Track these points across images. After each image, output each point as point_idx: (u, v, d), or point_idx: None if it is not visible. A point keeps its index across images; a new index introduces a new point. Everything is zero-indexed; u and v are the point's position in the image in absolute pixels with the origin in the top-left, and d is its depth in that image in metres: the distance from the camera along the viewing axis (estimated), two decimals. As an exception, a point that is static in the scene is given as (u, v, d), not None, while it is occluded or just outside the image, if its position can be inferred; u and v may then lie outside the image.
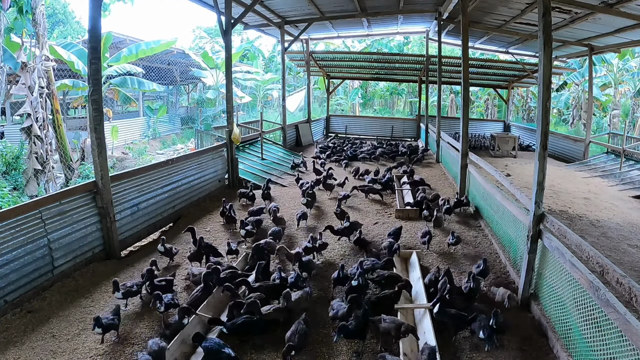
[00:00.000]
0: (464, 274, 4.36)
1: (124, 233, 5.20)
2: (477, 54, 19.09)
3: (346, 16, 11.49)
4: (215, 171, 7.76)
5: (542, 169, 3.61)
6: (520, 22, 10.06)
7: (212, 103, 23.83)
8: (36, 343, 3.26)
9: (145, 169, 5.80)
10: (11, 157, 11.72)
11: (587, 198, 8.07)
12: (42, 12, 9.90)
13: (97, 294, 4.03)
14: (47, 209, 4.13)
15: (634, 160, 10.70)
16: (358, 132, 17.69)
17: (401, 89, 33.14)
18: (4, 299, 3.63)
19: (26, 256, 3.86)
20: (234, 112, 8.40)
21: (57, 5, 34.53)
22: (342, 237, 5.37)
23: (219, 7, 7.86)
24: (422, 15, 12.01)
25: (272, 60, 31.22)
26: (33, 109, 9.87)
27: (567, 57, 14.32)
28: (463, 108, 7.39)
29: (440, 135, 11.23)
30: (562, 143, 14.05)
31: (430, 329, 3.22)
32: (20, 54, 9.80)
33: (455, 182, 8.43)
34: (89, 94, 4.64)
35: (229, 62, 8.15)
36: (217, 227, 5.96)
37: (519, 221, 4.35)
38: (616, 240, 5.77)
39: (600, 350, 2.65)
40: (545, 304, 3.62)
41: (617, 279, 2.47)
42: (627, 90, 22.81)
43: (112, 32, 14.22)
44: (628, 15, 7.67)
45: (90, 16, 4.55)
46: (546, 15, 3.53)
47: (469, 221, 6.30)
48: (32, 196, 9.43)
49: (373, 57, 16.89)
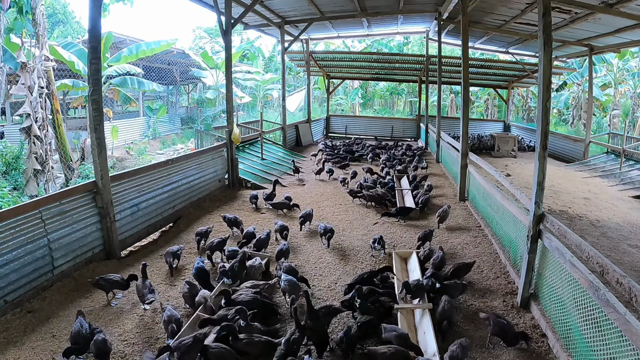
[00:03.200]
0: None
1: (124, 233, 5.20)
2: (477, 54, 19.08)
3: (346, 16, 11.50)
4: (215, 171, 7.75)
5: (542, 169, 3.60)
6: (520, 22, 10.06)
7: (212, 103, 23.82)
8: (36, 343, 3.26)
9: (145, 169, 5.79)
10: (11, 157, 11.72)
11: (587, 198, 8.07)
12: (42, 12, 9.91)
13: (97, 294, 4.02)
14: (47, 209, 4.13)
15: (634, 160, 10.71)
16: (358, 132, 17.69)
17: (401, 89, 33.13)
18: (4, 299, 3.63)
19: (26, 256, 3.86)
20: (234, 112, 8.40)
21: (57, 5, 34.52)
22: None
23: (219, 7, 7.85)
24: (422, 15, 12.01)
25: (272, 60, 31.22)
26: (33, 109, 9.88)
27: (567, 57, 14.32)
28: (463, 108, 7.40)
29: (440, 135, 11.23)
30: (562, 143, 14.04)
31: (430, 329, 3.21)
32: (20, 54, 9.81)
33: (455, 182, 8.44)
34: (89, 94, 4.64)
35: (229, 62, 8.15)
36: (216, 227, 5.96)
37: (519, 221, 4.35)
38: (616, 240, 5.77)
39: (600, 351, 2.65)
40: (545, 304, 3.62)
41: (617, 279, 2.47)
42: (627, 90, 22.81)
43: (112, 32, 14.23)
44: (628, 15, 7.67)
45: (90, 16, 4.54)
46: (546, 15, 3.52)
47: (469, 221, 6.30)
48: (32, 196, 9.44)
49: (373, 57, 16.88)
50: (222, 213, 6.15)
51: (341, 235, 5.67)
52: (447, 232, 5.83)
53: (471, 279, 4.40)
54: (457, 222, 6.28)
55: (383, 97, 35.89)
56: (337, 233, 5.73)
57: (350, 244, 5.36)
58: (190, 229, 5.88)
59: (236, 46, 22.79)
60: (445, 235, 5.70)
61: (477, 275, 4.52)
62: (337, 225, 6.08)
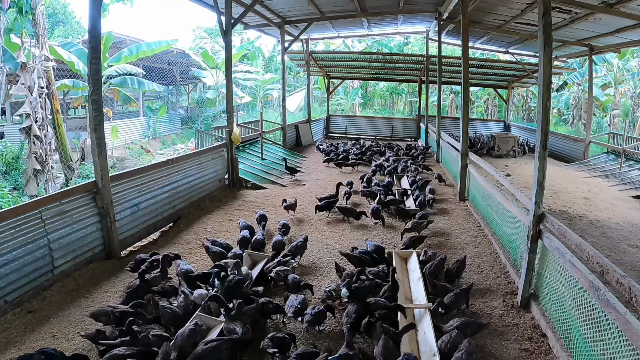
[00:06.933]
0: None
1: (124, 233, 5.20)
2: (477, 54, 19.07)
3: (346, 16, 11.49)
4: (215, 171, 7.76)
5: (542, 169, 3.60)
6: (520, 22, 10.07)
7: (212, 103, 23.81)
8: (36, 343, 3.26)
9: (145, 169, 5.79)
10: (11, 157, 11.73)
11: (587, 198, 8.07)
12: (42, 12, 9.92)
13: (97, 294, 4.03)
14: (47, 209, 4.12)
15: (634, 160, 10.71)
16: (358, 132, 17.68)
17: (401, 89, 33.12)
18: (4, 299, 3.63)
19: (26, 256, 3.86)
20: (234, 112, 8.40)
21: (57, 5, 34.48)
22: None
23: (219, 7, 7.85)
24: (422, 15, 12.01)
25: (272, 60, 31.20)
26: (32, 109, 9.89)
27: (567, 57, 14.31)
28: (463, 108, 7.40)
29: (440, 135, 11.23)
30: (562, 143, 14.04)
31: (430, 329, 3.21)
32: (20, 54, 9.81)
33: (455, 182, 8.44)
34: (89, 94, 4.63)
35: (229, 62, 8.15)
36: (216, 227, 5.97)
37: (519, 221, 4.35)
38: (616, 240, 5.77)
39: (600, 350, 2.65)
40: (545, 304, 3.62)
41: (617, 279, 2.47)
42: (627, 90, 22.82)
43: (112, 32, 14.22)
44: (628, 15, 7.67)
45: (90, 16, 4.54)
46: (546, 15, 3.52)
47: (469, 221, 6.31)
48: (32, 196, 9.44)
49: (373, 57, 16.89)
50: (222, 213, 6.13)
51: (341, 236, 5.67)
52: (447, 232, 5.83)
53: (471, 279, 4.40)
54: (457, 222, 6.28)
55: (383, 97, 35.89)
56: (337, 233, 5.75)
57: (351, 244, 5.36)
58: (190, 229, 5.89)
59: (236, 46, 22.78)
60: (446, 236, 5.71)
61: (477, 275, 4.53)
62: (338, 225, 6.08)
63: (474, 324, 3.33)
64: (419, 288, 3.91)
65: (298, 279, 3.96)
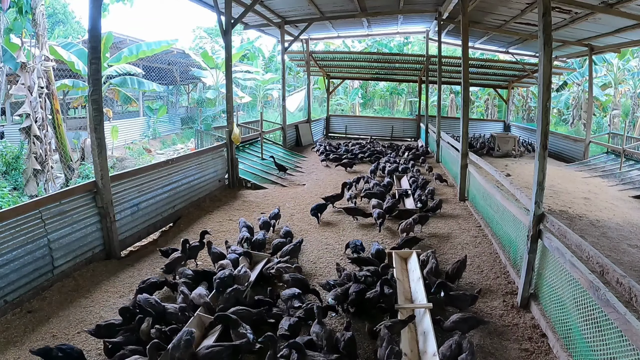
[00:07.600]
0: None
1: (124, 233, 5.20)
2: (477, 54, 19.08)
3: (346, 16, 11.49)
4: (215, 171, 7.76)
5: (542, 169, 3.60)
6: (520, 22, 10.07)
7: (212, 103, 23.82)
8: (36, 343, 3.25)
9: (145, 169, 5.79)
10: (11, 157, 11.73)
11: (587, 198, 8.07)
12: (42, 12, 9.92)
13: (97, 294, 4.03)
14: (47, 209, 4.12)
15: (634, 160, 10.71)
16: (358, 132, 17.69)
17: (401, 88, 33.13)
18: (4, 299, 3.63)
19: (26, 256, 3.86)
20: (234, 112, 8.40)
21: (57, 5, 34.51)
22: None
23: (219, 7, 7.85)
24: (422, 15, 12.01)
25: (272, 60, 31.20)
26: (32, 109, 9.89)
27: (567, 57, 14.31)
28: (463, 108, 7.40)
29: (440, 135, 11.23)
30: (562, 143, 14.04)
31: (430, 329, 3.21)
32: (20, 54, 9.81)
33: (455, 182, 8.44)
34: (89, 94, 4.63)
35: (229, 62, 8.15)
36: (217, 227, 5.96)
37: (519, 221, 4.35)
38: (616, 240, 5.77)
39: (600, 350, 2.65)
40: (545, 304, 3.62)
41: (617, 279, 2.47)
42: (627, 90, 22.82)
43: (112, 32, 14.23)
44: (628, 15, 7.68)
45: (90, 16, 4.54)
46: (546, 15, 3.52)
47: (469, 221, 6.31)
48: (32, 196, 9.44)
49: (373, 57, 16.89)
50: (222, 213, 6.12)
51: (342, 236, 5.67)
52: (447, 233, 5.83)
53: (471, 279, 4.40)
54: (457, 222, 6.28)
55: (383, 97, 35.90)
56: (337, 233, 5.75)
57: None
58: (190, 229, 5.89)
59: (236, 46, 22.80)
60: (445, 236, 5.71)
61: (477, 275, 4.53)
62: (338, 225, 6.08)
63: (473, 319, 3.36)
64: (419, 288, 3.90)
65: (298, 276, 3.96)
